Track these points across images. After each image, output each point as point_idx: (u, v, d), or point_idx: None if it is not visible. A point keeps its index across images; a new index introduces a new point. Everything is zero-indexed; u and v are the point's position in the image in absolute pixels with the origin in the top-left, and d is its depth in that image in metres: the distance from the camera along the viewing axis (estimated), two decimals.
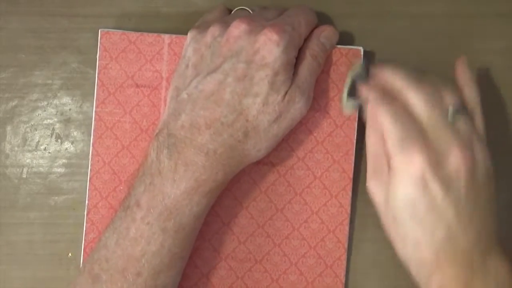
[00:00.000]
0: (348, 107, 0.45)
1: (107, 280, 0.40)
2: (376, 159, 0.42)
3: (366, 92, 0.42)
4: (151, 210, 0.40)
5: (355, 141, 0.46)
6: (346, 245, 0.46)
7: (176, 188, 0.40)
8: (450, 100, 0.41)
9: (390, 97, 0.41)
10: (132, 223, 0.40)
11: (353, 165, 0.46)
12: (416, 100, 0.41)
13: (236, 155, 0.41)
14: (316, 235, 0.46)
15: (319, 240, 0.46)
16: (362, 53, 0.46)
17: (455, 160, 0.39)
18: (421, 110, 0.40)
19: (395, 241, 0.42)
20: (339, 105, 0.46)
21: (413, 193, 0.39)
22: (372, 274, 0.47)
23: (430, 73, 0.43)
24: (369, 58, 0.47)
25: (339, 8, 0.48)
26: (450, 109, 0.41)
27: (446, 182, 0.39)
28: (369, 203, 0.43)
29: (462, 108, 0.41)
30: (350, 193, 0.46)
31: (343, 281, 0.46)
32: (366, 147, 0.43)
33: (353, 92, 0.44)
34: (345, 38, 0.47)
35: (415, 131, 0.40)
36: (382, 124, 0.41)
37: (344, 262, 0.46)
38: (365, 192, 0.43)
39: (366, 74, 0.44)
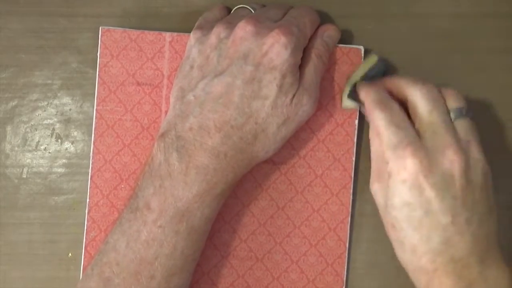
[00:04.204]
0: (347, 104, 0.45)
1: (119, 283, 0.40)
2: (379, 162, 0.41)
3: (364, 94, 0.42)
4: (163, 213, 0.40)
5: (355, 140, 0.46)
6: (347, 243, 0.46)
7: (188, 191, 0.40)
8: (453, 102, 0.41)
9: (386, 102, 0.41)
10: (143, 226, 0.40)
11: (353, 163, 0.46)
12: (419, 96, 0.40)
13: (245, 157, 0.41)
14: (317, 233, 0.46)
15: (320, 238, 0.46)
16: (362, 52, 0.46)
17: (448, 161, 0.39)
18: (423, 106, 0.40)
19: (395, 246, 0.41)
20: (340, 96, 0.46)
21: (408, 198, 0.39)
22: (372, 272, 0.47)
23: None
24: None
25: (339, 8, 0.48)
26: (453, 109, 0.41)
27: (441, 186, 0.38)
28: (369, 201, 0.43)
29: (466, 110, 0.41)
30: (350, 191, 0.46)
31: (344, 279, 0.46)
32: (371, 149, 0.43)
33: (354, 94, 0.44)
34: (346, 39, 0.48)
35: (408, 135, 0.39)
36: (377, 129, 0.40)
37: (345, 260, 0.46)
38: (365, 191, 0.43)
39: (383, 68, 0.44)
